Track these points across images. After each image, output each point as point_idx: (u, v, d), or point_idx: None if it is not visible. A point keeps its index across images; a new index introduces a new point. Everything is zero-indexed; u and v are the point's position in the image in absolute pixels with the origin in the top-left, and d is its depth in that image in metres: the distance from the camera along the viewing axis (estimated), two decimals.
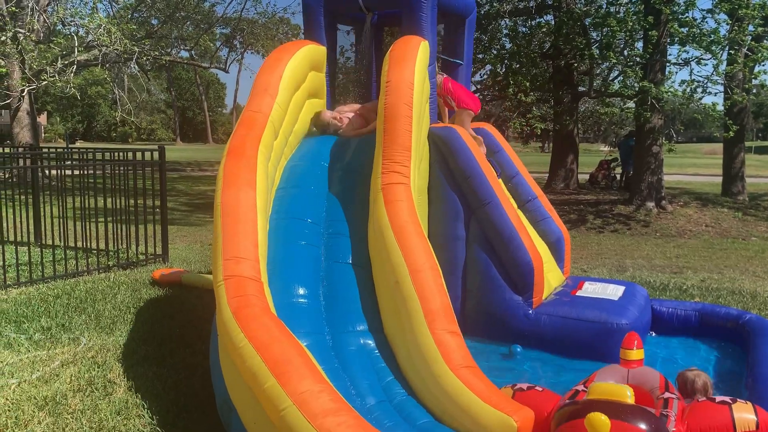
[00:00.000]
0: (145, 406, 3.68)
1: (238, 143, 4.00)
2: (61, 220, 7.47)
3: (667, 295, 6.43)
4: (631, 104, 14.80)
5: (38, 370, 4.18)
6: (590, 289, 4.99)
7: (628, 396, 3.04)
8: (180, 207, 16.72)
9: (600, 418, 2.76)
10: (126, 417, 3.56)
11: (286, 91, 4.48)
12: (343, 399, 2.84)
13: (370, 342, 3.85)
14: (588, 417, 2.79)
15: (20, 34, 14.84)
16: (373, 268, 4.05)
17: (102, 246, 7.69)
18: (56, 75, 14.70)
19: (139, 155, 7.92)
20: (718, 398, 3.09)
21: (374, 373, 3.69)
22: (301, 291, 3.87)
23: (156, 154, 7.96)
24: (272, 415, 2.80)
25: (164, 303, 5.85)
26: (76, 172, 7.82)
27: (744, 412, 2.95)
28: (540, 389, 3.50)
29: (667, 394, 3.21)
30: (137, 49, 16.35)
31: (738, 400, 3.04)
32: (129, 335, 4.91)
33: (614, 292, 4.89)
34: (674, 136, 13.25)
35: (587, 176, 20.07)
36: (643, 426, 2.80)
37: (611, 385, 3.17)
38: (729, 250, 10.74)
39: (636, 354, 3.68)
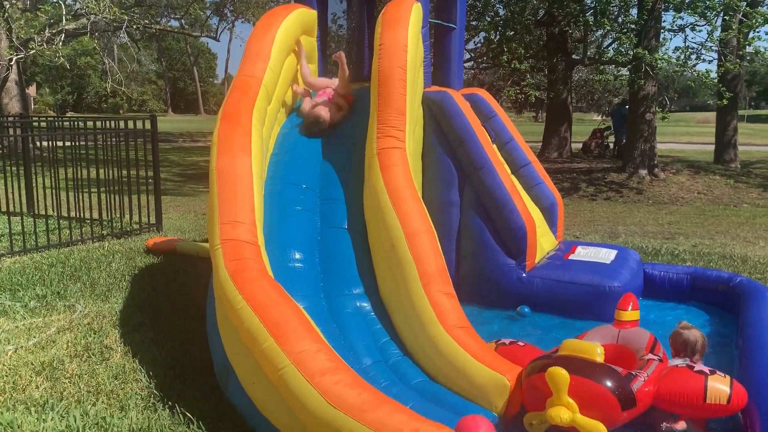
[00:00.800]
0: (143, 371, 3.71)
1: (232, 108, 3.97)
2: (54, 190, 7.43)
3: (659, 259, 6.49)
4: (624, 71, 14.73)
5: (34, 337, 4.20)
6: (583, 253, 5.03)
7: (597, 354, 3.07)
8: (173, 177, 16.63)
9: (559, 373, 2.81)
10: (123, 381, 3.60)
11: (279, 56, 4.43)
12: (340, 358, 2.87)
13: (365, 305, 3.88)
14: (548, 371, 2.85)
15: (6, 2, 14.56)
16: (369, 232, 4.07)
17: (95, 216, 7.67)
18: (44, 44, 14.46)
19: (131, 124, 7.86)
20: (697, 367, 3.06)
21: (370, 334, 3.73)
22: (297, 256, 3.88)
23: (148, 123, 7.90)
24: (270, 374, 2.83)
25: (159, 271, 5.87)
26: (68, 144, 7.76)
27: (719, 384, 2.88)
28: (522, 344, 3.57)
29: (649, 356, 3.24)
30: (126, 18, 16.09)
31: (718, 372, 2.99)
32: (124, 302, 4.93)
33: (606, 255, 4.92)
34: (667, 103, 13.22)
35: (580, 145, 20.07)
36: (604, 383, 2.85)
37: (582, 342, 3.21)
38: (720, 217, 10.82)
39: (629, 315, 3.71)
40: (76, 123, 8.65)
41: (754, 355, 3.42)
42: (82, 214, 7.50)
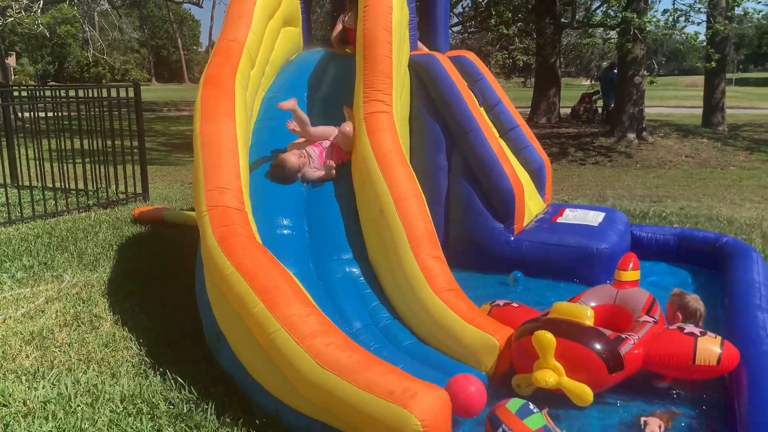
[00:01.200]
0: (133, 339, 3.71)
1: (215, 72, 3.91)
2: (37, 161, 7.33)
3: (647, 222, 6.53)
4: (613, 35, 14.63)
5: (23, 307, 4.18)
6: (571, 216, 5.04)
7: (586, 317, 3.10)
8: (158, 147, 16.47)
9: (545, 336, 2.85)
10: (114, 349, 3.60)
11: (261, 19, 4.35)
12: (331, 321, 2.88)
13: (355, 270, 3.88)
14: (534, 335, 2.88)
15: None
16: (357, 197, 4.05)
17: (81, 186, 7.59)
18: (22, 12, 14.13)
19: (114, 92, 7.72)
20: (688, 329, 3.07)
21: (360, 299, 3.74)
22: (285, 222, 3.87)
23: (131, 92, 7.77)
24: (261, 339, 2.84)
25: (147, 240, 5.84)
26: (50, 114, 7.63)
27: (709, 345, 2.90)
28: (516, 305, 3.59)
29: (644, 318, 3.25)
30: None
31: (708, 333, 3.00)
32: (113, 272, 4.91)
33: (594, 218, 4.94)
34: (656, 67, 13.17)
35: (569, 110, 20.01)
36: (591, 346, 2.88)
37: (571, 305, 3.23)
38: (708, 180, 10.87)
39: (628, 275, 3.71)
40: (57, 92, 8.50)
41: (740, 313, 3.46)
42: (67, 185, 7.41)
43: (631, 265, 3.75)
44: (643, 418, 2.69)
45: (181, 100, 33.42)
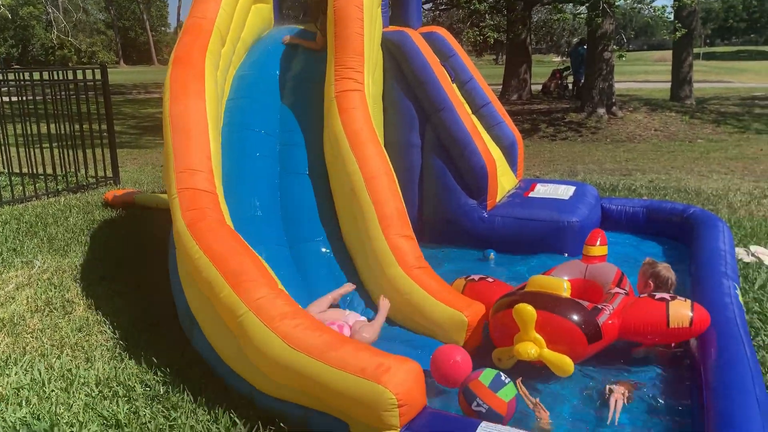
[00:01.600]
0: (107, 323, 3.69)
1: (184, 52, 3.84)
2: (3, 147, 7.17)
3: (617, 195, 6.63)
4: (583, 10, 14.68)
5: None
6: (542, 190, 5.10)
7: (563, 289, 3.15)
8: (129, 130, 16.20)
9: (526, 309, 2.89)
10: (88, 333, 3.57)
11: None
12: (298, 304, 2.89)
13: (328, 250, 3.89)
14: (515, 308, 2.92)
15: None
16: (330, 176, 4.05)
17: (49, 171, 7.45)
18: None
19: (80, 75, 7.56)
20: (658, 295, 3.14)
21: (333, 279, 3.76)
22: (258, 203, 3.85)
23: (98, 73, 7.61)
24: (230, 323, 2.84)
25: (119, 224, 5.76)
26: (14, 99, 7.45)
27: (681, 308, 2.97)
28: (491, 280, 3.63)
29: (615, 290, 3.32)
30: None
31: (678, 297, 3.08)
32: (85, 256, 4.85)
33: (565, 192, 5.01)
34: (625, 41, 13.26)
35: (540, 86, 20.10)
36: (570, 318, 2.93)
37: (548, 278, 3.28)
38: (676, 152, 11.05)
39: (596, 250, 3.80)
40: (21, 75, 8.29)
41: (706, 281, 3.55)
42: (35, 170, 7.26)
43: (598, 241, 3.82)
44: (608, 386, 2.76)
45: (150, 82, 32.80)
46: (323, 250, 3.89)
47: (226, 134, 4.01)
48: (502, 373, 2.63)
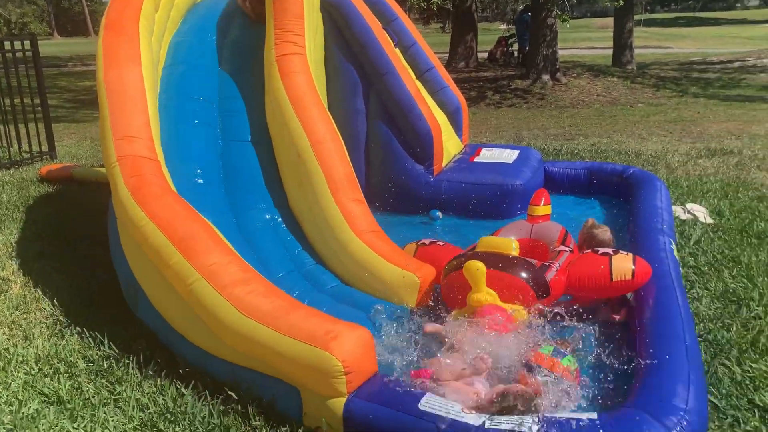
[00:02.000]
0: (46, 300, 3.57)
1: (116, 17, 3.69)
2: None
3: (560, 158, 6.74)
4: None
5: None
6: (487, 155, 5.15)
7: (512, 248, 3.22)
8: (65, 104, 15.58)
9: (476, 265, 2.94)
10: (25, 311, 3.45)
11: None
12: (253, 269, 2.85)
13: (276, 218, 3.85)
14: (465, 265, 2.97)
15: None
16: (274, 143, 3.98)
17: None
18: None
19: (8, 45, 7.18)
20: (602, 250, 3.22)
21: (282, 246, 3.73)
22: (199, 171, 3.76)
23: (27, 44, 7.25)
24: (181, 290, 2.78)
25: (56, 199, 5.56)
26: None
27: (623, 262, 3.05)
28: (442, 243, 3.67)
29: (561, 247, 3.41)
30: None
31: (621, 252, 3.16)
32: (20, 233, 4.66)
33: (509, 156, 5.07)
34: (567, 6, 13.40)
35: (486, 54, 20.19)
36: (519, 275, 3.00)
37: (497, 238, 3.36)
38: (618, 117, 11.30)
39: (541, 210, 3.89)
40: None
41: (643, 237, 3.67)
42: None
43: (542, 201, 3.90)
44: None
45: (87, 54, 31.50)
46: (270, 217, 3.85)
47: (164, 102, 3.88)
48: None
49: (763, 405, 2.37)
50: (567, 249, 3.40)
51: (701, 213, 4.69)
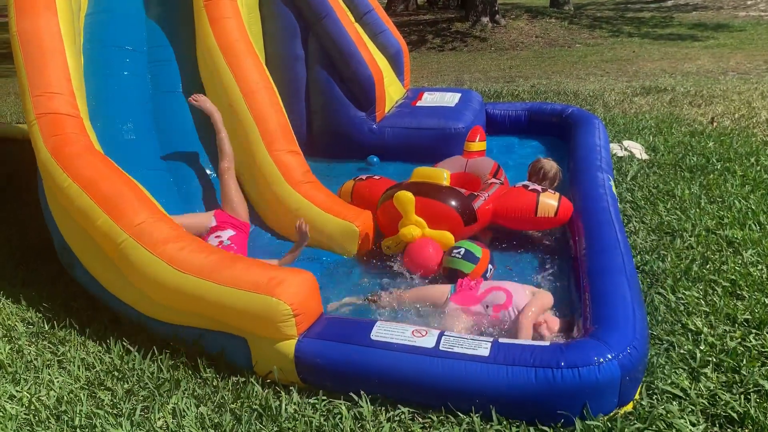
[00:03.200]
0: None
1: None
2: None
3: (501, 100, 6.78)
4: None
5: None
6: (429, 99, 5.12)
7: (443, 178, 3.39)
8: None
9: (405, 195, 3.09)
10: None
11: None
12: (182, 227, 2.79)
13: (211, 172, 3.75)
14: (395, 196, 3.12)
15: None
16: (206, 93, 3.84)
17: None
18: None
19: None
20: (531, 186, 3.38)
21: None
22: (130, 125, 3.61)
23: None
24: (110, 251, 2.70)
25: None
26: None
27: (548, 200, 3.25)
28: (377, 177, 3.77)
29: (492, 180, 3.56)
30: None
31: (549, 190, 3.34)
32: None
33: (451, 99, 5.05)
34: None
35: None
36: (448, 202, 3.18)
37: (429, 168, 3.54)
38: (556, 58, 11.40)
39: (476, 146, 3.98)
40: None
41: (582, 174, 3.75)
42: None
43: (478, 137, 4.01)
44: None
45: (2, 5, 29.55)
46: (207, 172, 3.75)
47: (88, 52, 3.67)
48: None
49: (695, 329, 2.50)
50: (498, 181, 3.55)
51: (637, 150, 4.82)
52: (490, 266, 2.94)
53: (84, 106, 3.25)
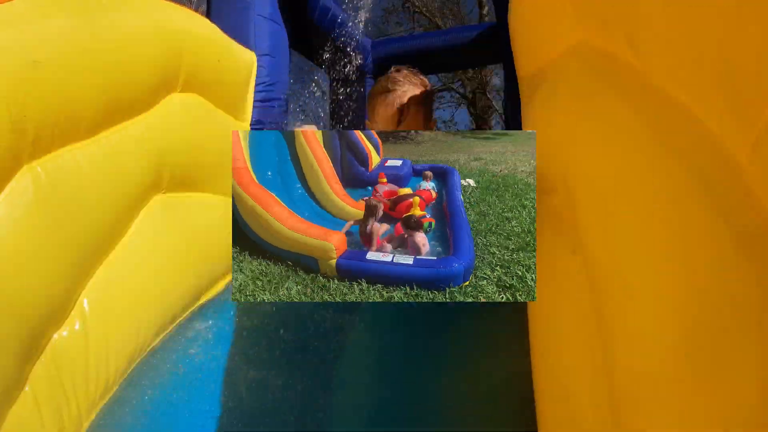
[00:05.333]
0: None
1: None
2: None
3: None
4: None
5: None
6: (390, 162, 5.48)
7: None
8: None
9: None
10: None
11: None
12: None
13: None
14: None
15: None
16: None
17: None
18: None
19: None
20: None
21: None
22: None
23: None
24: (261, 221, 3.07)
25: None
26: None
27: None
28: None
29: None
30: None
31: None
32: None
33: (399, 161, 5.27)
34: None
35: None
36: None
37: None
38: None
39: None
40: None
41: (450, 193, 3.93)
42: None
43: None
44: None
45: None
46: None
47: None
48: None
49: (499, 254, 2.73)
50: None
51: (471, 182, 5.81)
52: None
53: None
